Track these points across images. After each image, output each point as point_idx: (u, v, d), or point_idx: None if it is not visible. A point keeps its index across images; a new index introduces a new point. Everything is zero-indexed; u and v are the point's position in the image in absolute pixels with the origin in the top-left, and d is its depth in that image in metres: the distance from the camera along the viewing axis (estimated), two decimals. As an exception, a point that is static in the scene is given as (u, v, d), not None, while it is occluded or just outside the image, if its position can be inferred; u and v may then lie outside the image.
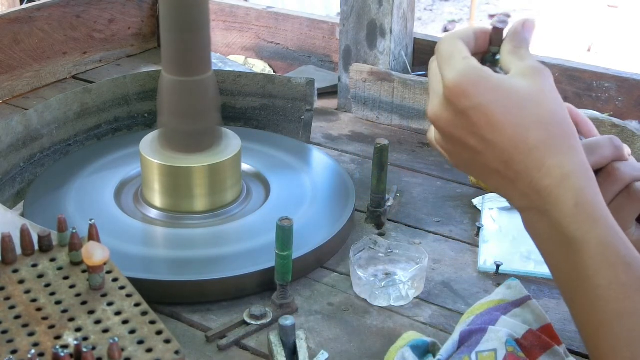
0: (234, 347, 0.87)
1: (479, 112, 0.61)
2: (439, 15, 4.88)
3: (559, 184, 0.60)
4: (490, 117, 0.61)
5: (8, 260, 0.78)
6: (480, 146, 0.62)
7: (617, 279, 0.58)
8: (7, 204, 1.10)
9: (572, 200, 0.60)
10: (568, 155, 0.61)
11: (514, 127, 0.61)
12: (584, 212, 0.60)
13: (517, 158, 0.61)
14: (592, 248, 0.59)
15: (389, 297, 0.94)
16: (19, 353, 0.68)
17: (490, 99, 0.61)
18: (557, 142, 0.61)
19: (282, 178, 1.15)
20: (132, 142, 1.19)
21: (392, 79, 1.41)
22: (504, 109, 0.61)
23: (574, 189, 0.60)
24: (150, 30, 1.77)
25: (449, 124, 0.63)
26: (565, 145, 0.62)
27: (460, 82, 0.61)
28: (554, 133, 0.61)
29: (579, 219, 0.60)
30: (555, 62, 1.43)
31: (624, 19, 4.61)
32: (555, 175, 0.60)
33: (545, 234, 0.62)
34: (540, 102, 0.62)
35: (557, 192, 0.60)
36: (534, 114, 0.61)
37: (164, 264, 0.99)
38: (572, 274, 0.60)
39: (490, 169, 0.63)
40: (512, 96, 0.61)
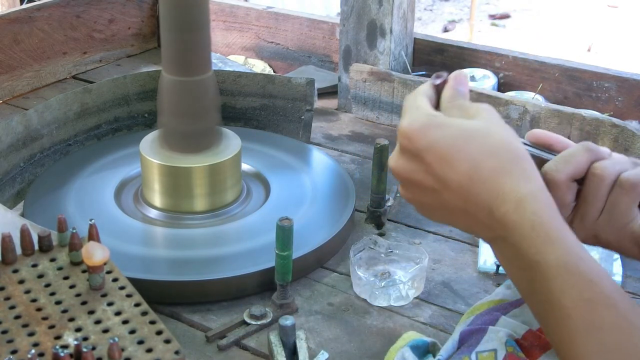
0: (234, 347, 0.87)
1: (430, 151, 0.63)
2: (439, 15, 4.88)
3: (515, 209, 0.61)
4: (442, 154, 0.62)
5: (8, 260, 0.78)
6: (438, 185, 0.64)
7: (581, 296, 0.59)
8: (7, 204, 1.10)
9: (529, 223, 0.61)
10: (521, 179, 0.62)
11: (466, 160, 0.62)
12: (541, 234, 0.60)
13: (474, 190, 0.62)
14: (553, 269, 0.60)
15: (389, 297, 0.94)
16: (19, 353, 0.68)
17: (439, 137, 0.63)
18: (509, 168, 0.62)
19: (282, 178, 1.15)
20: (132, 142, 1.19)
21: (392, 79, 1.41)
22: (454, 144, 0.62)
23: (530, 212, 0.61)
24: (150, 30, 1.77)
25: (405, 170, 0.65)
26: (518, 170, 0.62)
27: (410, 126, 0.64)
28: (505, 159, 0.62)
29: (537, 242, 0.60)
30: (555, 62, 1.43)
31: (624, 19, 4.61)
32: (511, 201, 0.61)
33: (509, 261, 0.63)
34: (487, 133, 0.63)
35: (514, 217, 0.61)
36: (483, 144, 0.63)
37: (164, 264, 0.99)
38: (538, 295, 0.61)
39: (452, 207, 0.64)
40: (460, 132, 0.63)
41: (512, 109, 1.29)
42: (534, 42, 4.11)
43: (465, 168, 0.62)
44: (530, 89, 1.45)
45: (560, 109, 1.26)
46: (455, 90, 0.68)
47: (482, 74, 1.48)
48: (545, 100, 1.42)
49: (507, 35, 4.45)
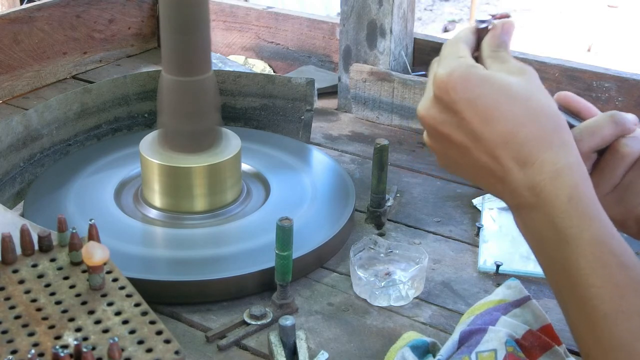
0: (234, 347, 0.87)
1: (468, 105, 0.60)
2: (439, 15, 4.88)
3: (552, 180, 0.59)
4: (480, 111, 0.60)
5: (8, 260, 0.78)
6: (469, 142, 0.61)
7: (612, 278, 0.57)
8: (7, 204, 1.10)
9: (566, 196, 0.58)
10: (561, 150, 0.60)
11: (505, 121, 0.60)
12: (578, 209, 0.58)
13: (508, 153, 0.60)
14: (586, 246, 0.58)
15: (389, 297, 0.94)
16: (19, 353, 0.68)
17: (480, 92, 0.60)
18: (549, 137, 0.60)
19: (282, 178, 1.15)
20: (132, 142, 1.19)
21: (392, 79, 1.41)
22: (494, 102, 0.60)
23: (568, 185, 0.59)
24: (150, 30, 1.77)
25: (436, 120, 0.62)
26: (558, 140, 0.60)
27: (449, 76, 0.60)
28: (546, 127, 0.60)
29: (572, 216, 0.58)
30: (555, 62, 1.43)
31: (624, 19, 4.62)
32: (548, 171, 0.59)
33: (537, 232, 0.61)
34: (530, 96, 0.61)
35: (550, 188, 0.59)
36: (525, 107, 0.60)
37: (164, 264, 0.99)
38: (565, 272, 0.59)
39: (479, 165, 0.62)
40: (503, 90, 0.60)
41: (512, 109, 1.29)
42: (534, 42, 4.11)
43: (504, 129, 0.59)
44: (530, 89, 1.45)
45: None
46: (499, 39, 0.65)
47: (482, 74, 1.48)
48: (545, 100, 1.42)
49: (507, 35, 4.44)
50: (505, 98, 0.60)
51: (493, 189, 0.63)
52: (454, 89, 0.60)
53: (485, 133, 0.60)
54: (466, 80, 0.60)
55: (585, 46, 4.19)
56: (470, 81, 0.60)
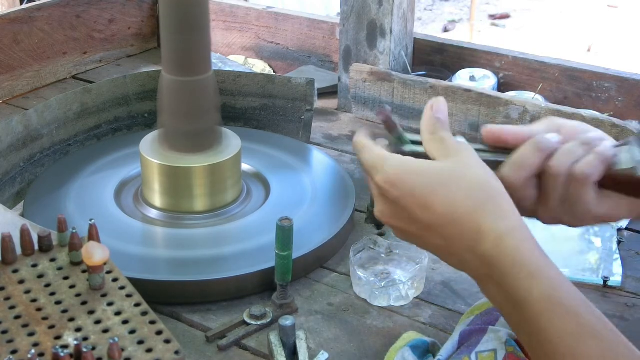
0: (234, 347, 0.87)
1: (409, 198, 0.65)
2: (439, 15, 4.88)
3: (494, 247, 0.62)
4: (420, 200, 0.65)
5: (8, 260, 0.78)
6: (419, 229, 0.66)
7: (567, 329, 0.59)
8: (7, 204, 1.10)
9: (509, 260, 0.62)
10: (498, 217, 0.63)
11: (443, 204, 0.64)
12: (523, 270, 0.61)
13: (453, 232, 0.64)
14: (538, 304, 0.60)
15: (389, 297, 0.94)
16: (19, 353, 0.68)
17: (415, 184, 0.65)
18: (485, 207, 0.63)
19: (282, 178, 1.15)
20: (132, 142, 1.19)
21: (392, 79, 1.41)
22: (430, 189, 0.64)
23: (510, 250, 0.62)
24: (150, 30, 1.77)
25: (389, 216, 0.68)
26: (494, 208, 0.64)
27: (387, 178, 0.66)
28: (481, 199, 0.64)
29: (519, 278, 0.61)
30: (555, 62, 1.43)
31: (624, 19, 4.61)
32: (489, 239, 0.62)
33: (496, 300, 0.64)
34: (463, 174, 0.65)
35: (494, 254, 0.62)
36: (459, 186, 0.64)
37: (164, 264, 0.99)
38: (526, 330, 0.62)
39: (438, 247, 0.66)
40: (435, 177, 0.65)
41: (512, 109, 1.29)
42: (534, 42, 4.11)
43: (443, 211, 0.64)
44: (530, 89, 1.45)
45: (560, 109, 1.26)
46: (435, 120, 0.69)
47: (482, 74, 1.48)
48: (545, 100, 1.42)
49: (507, 35, 4.45)
50: (438, 183, 0.65)
51: (459, 267, 0.67)
52: (393, 186, 0.66)
53: (430, 218, 0.65)
54: (401, 175, 0.66)
55: (585, 46, 4.19)
56: (405, 175, 0.66)
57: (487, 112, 1.32)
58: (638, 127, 1.22)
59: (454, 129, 1.36)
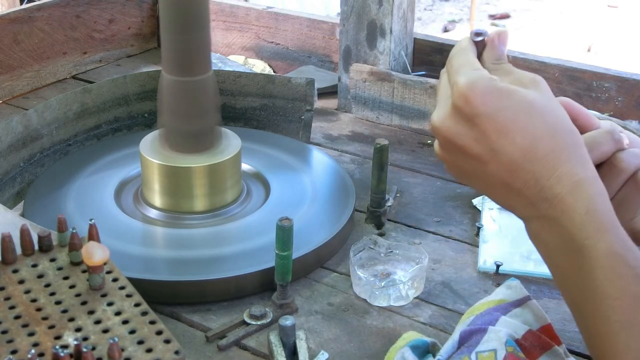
0: (234, 347, 0.87)
1: (488, 119, 0.61)
2: (439, 15, 4.88)
3: (570, 193, 0.60)
4: (500, 125, 0.61)
5: (8, 260, 0.78)
6: (487, 155, 0.62)
7: (627, 289, 0.57)
8: (7, 204, 1.10)
9: (583, 208, 0.59)
10: (578, 164, 0.61)
11: (525, 136, 0.60)
12: (595, 220, 0.59)
13: (526, 167, 0.61)
14: (602, 257, 0.58)
15: (389, 297, 0.94)
16: (19, 353, 0.68)
17: (500, 106, 0.61)
18: (567, 151, 0.61)
19: (282, 178, 1.15)
20: (132, 142, 1.19)
21: (392, 79, 1.41)
22: (514, 116, 0.61)
23: (585, 197, 0.59)
24: (150, 30, 1.77)
25: (451, 131, 0.63)
26: (575, 154, 0.61)
27: (471, 88, 0.61)
28: (564, 142, 0.61)
29: (589, 228, 0.59)
30: (555, 62, 1.43)
31: (624, 19, 4.62)
32: (566, 183, 0.60)
33: (552, 243, 0.61)
34: (549, 110, 0.62)
35: (568, 200, 0.60)
36: (546, 122, 0.61)
37: (164, 264, 0.99)
38: (580, 283, 0.59)
39: (495, 179, 0.62)
40: (523, 105, 0.61)
41: (512, 109, 1.29)
42: (534, 42, 4.11)
43: (523, 143, 0.60)
44: (530, 89, 1.45)
45: (560, 109, 1.26)
46: (498, 50, 0.66)
47: (482, 74, 1.48)
48: (545, 100, 1.42)
49: (507, 35, 4.44)
50: (525, 112, 0.61)
51: (505, 201, 0.64)
52: (475, 101, 0.61)
53: (504, 147, 0.61)
54: (488, 93, 0.61)
55: (585, 46, 4.19)
56: (492, 94, 0.61)
57: (487, 112, 1.32)
58: (638, 127, 1.22)
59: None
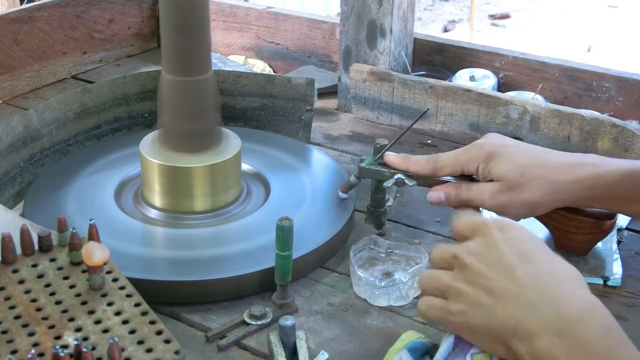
0: (234, 347, 0.87)
1: (510, 250, 0.69)
2: (439, 15, 4.88)
3: (585, 312, 0.64)
4: (530, 257, 0.68)
5: (8, 260, 0.78)
6: (491, 298, 0.68)
7: None
8: (7, 204, 1.10)
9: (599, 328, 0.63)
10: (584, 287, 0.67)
11: (543, 262, 0.68)
12: (614, 336, 0.62)
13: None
14: None
15: (389, 297, 0.94)
16: (19, 353, 0.68)
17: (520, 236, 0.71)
18: (561, 293, 0.66)
19: (282, 178, 1.15)
20: (132, 142, 1.19)
21: (392, 79, 1.41)
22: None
23: (599, 315, 0.64)
24: (150, 30, 1.77)
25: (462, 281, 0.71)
26: (565, 293, 0.66)
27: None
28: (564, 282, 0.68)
29: (609, 343, 0.62)
30: (555, 62, 1.43)
31: (624, 19, 4.62)
32: (582, 302, 0.65)
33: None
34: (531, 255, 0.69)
35: (586, 315, 0.64)
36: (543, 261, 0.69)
37: (164, 264, 0.99)
38: None
39: (501, 322, 0.67)
40: (505, 261, 0.68)
41: (512, 109, 1.29)
42: (534, 42, 4.11)
43: (546, 270, 0.68)
44: (530, 89, 1.45)
45: (560, 109, 1.26)
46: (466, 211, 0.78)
47: (482, 74, 1.48)
48: (545, 100, 1.42)
49: (507, 35, 4.45)
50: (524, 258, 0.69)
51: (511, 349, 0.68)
52: (505, 231, 0.71)
53: (525, 277, 0.68)
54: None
55: (585, 46, 4.19)
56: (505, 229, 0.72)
57: (487, 112, 1.32)
58: (638, 127, 1.22)
59: (455, 129, 1.36)
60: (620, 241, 1.06)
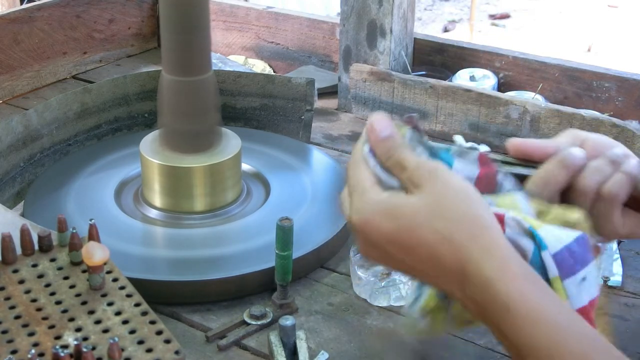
0: (234, 347, 0.87)
1: (388, 244, 0.61)
2: (439, 15, 4.88)
3: (484, 293, 0.57)
4: (400, 245, 0.61)
5: (8, 260, 0.78)
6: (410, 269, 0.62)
7: None
8: (7, 204, 1.10)
9: (503, 307, 0.57)
10: (484, 257, 0.58)
11: (424, 247, 0.59)
12: (518, 315, 0.56)
13: (440, 274, 0.60)
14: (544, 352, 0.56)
15: (389, 297, 0.94)
16: (19, 353, 0.68)
17: (391, 229, 0.61)
18: (469, 247, 0.58)
19: (282, 178, 1.15)
20: (132, 142, 1.19)
21: (392, 79, 1.41)
22: (408, 234, 0.60)
23: (500, 294, 0.57)
24: (150, 30, 1.77)
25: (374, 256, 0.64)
26: (477, 248, 0.58)
27: (360, 220, 0.62)
28: (462, 238, 0.59)
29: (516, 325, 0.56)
30: (555, 62, 1.43)
31: (624, 19, 4.62)
32: (477, 285, 0.58)
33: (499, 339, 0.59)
34: (438, 211, 0.60)
35: (485, 301, 0.58)
36: (436, 226, 0.59)
37: (164, 264, 0.99)
38: None
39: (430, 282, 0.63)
40: (411, 219, 0.60)
41: (512, 109, 1.29)
42: (534, 42, 4.11)
43: (425, 255, 0.60)
44: (530, 89, 1.45)
45: (560, 109, 1.26)
46: (385, 141, 0.63)
47: (482, 74, 1.48)
48: (545, 100, 1.42)
49: (507, 35, 4.45)
50: (417, 225, 0.60)
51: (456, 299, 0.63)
52: (368, 231, 0.62)
53: (415, 263, 0.61)
54: (375, 219, 0.61)
55: (585, 46, 4.19)
56: (380, 220, 0.61)
57: (487, 112, 1.32)
58: (638, 127, 1.22)
59: (455, 129, 1.36)
60: (620, 241, 1.06)
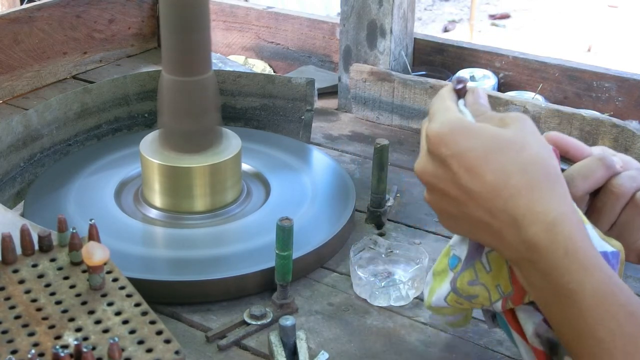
0: (234, 347, 0.87)
1: (458, 160, 0.60)
2: (439, 15, 4.88)
3: (546, 233, 0.57)
4: (469, 164, 0.59)
5: (8, 260, 0.78)
6: (463, 196, 0.61)
7: (621, 330, 0.55)
8: (7, 204, 1.10)
9: (562, 249, 0.57)
10: (553, 200, 0.58)
11: (493, 173, 0.59)
12: (576, 261, 0.57)
13: (499, 206, 0.59)
14: (589, 299, 0.56)
15: (389, 297, 0.94)
16: (19, 353, 0.68)
17: (469, 146, 0.60)
18: (541, 187, 0.58)
19: (282, 178, 1.15)
20: (132, 142, 1.19)
21: (392, 79, 1.41)
22: (483, 155, 0.59)
23: (562, 238, 0.57)
24: (150, 30, 1.77)
25: (430, 175, 0.62)
26: (549, 190, 0.59)
27: (440, 131, 0.61)
28: (538, 177, 0.59)
29: (571, 270, 0.56)
30: (555, 62, 1.43)
31: (624, 19, 4.62)
32: (541, 222, 0.57)
33: (539, 286, 0.59)
34: (521, 146, 0.60)
35: (545, 242, 0.57)
36: (516, 158, 0.59)
37: (164, 264, 0.99)
38: (572, 327, 0.57)
39: (475, 220, 0.61)
40: (492, 142, 0.60)
41: (512, 109, 1.29)
42: (534, 42, 4.12)
43: (492, 180, 0.58)
44: (530, 89, 1.45)
45: (560, 109, 1.26)
46: (480, 97, 0.65)
47: (482, 74, 1.48)
48: (545, 100, 1.42)
49: (507, 35, 4.45)
50: (494, 150, 0.59)
51: (492, 244, 0.62)
52: (443, 143, 0.60)
53: (476, 187, 0.59)
54: (455, 133, 0.60)
55: (585, 46, 4.19)
56: (461, 134, 0.60)
57: (487, 112, 1.32)
58: (638, 127, 1.22)
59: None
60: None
